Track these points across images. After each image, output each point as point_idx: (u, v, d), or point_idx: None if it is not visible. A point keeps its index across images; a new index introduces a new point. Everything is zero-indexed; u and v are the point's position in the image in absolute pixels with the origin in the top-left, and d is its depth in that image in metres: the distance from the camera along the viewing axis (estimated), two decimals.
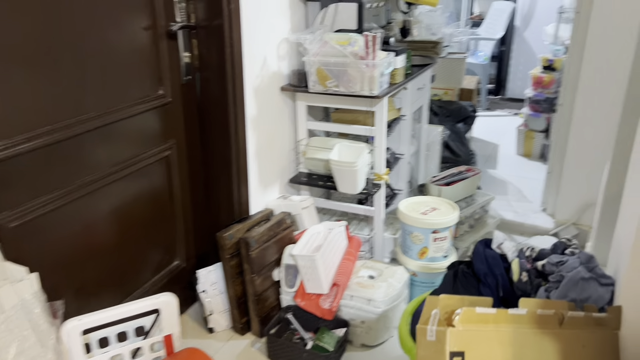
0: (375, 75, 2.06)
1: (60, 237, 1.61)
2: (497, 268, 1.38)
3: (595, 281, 1.25)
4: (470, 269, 1.44)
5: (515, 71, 5.86)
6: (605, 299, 1.24)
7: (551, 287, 1.26)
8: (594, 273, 1.27)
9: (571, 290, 1.22)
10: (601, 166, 2.73)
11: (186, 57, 1.99)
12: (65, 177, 1.60)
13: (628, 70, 2.46)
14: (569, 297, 1.21)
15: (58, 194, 1.58)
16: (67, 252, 1.65)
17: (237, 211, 2.21)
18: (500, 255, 1.43)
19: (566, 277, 1.23)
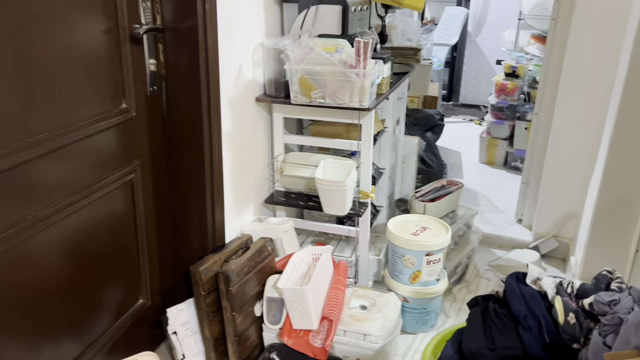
0: (366, 86, 1.86)
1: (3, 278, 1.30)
2: (539, 308, 1.22)
3: None
4: (504, 309, 1.27)
5: (468, 77, 5.87)
6: None
7: (606, 330, 1.11)
8: None
9: (633, 336, 1.07)
10: (581, 177, 2.67)
11: (152, 64, 1.71)
12: (10, 213, 1.29)
13: (609, 79, 2.40)
14: (632, 343, 1.06)
15: (2, 236, 1.27)
16: (10, 295, 1.34)
17: (211, 239, 1.95)
18: (539, 293, 1.27)
19: (626, 320, 1.08)
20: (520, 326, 1.21)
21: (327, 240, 2.45)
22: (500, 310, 1.27)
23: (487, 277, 2.64)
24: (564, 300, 1.20)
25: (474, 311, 1.34)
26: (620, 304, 1.12)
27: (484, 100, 5.77)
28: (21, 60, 1.26)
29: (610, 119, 2.20)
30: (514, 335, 1.20)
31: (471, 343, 1.24)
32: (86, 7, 1.43)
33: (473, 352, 1.22)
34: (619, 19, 2.35)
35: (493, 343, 1.21)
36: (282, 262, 2.05)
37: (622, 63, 2.12)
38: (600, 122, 2.48)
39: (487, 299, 1.39)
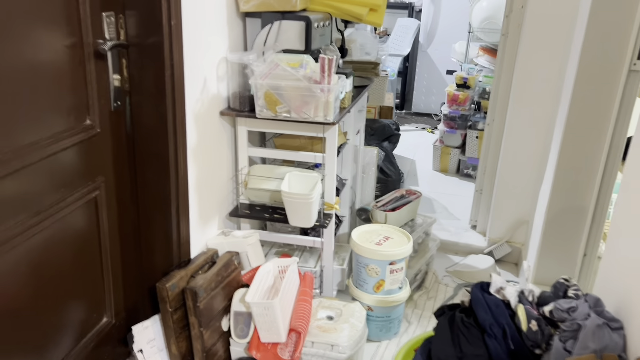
0: (330, 101, 1.90)
1: None
2: (503, 317, 1.28)
3: (607, 327, 1.20)
4: (470, 318, 1.33)
5: (420, 86, 6.03)
6: (620, 345, 1.18)
7: (566, 336, 1.18)
8: (603, 317, 1.22)
9: (590, 341, 1.15)
10: (532, 185, 2.80)
11: (116, 79, 1.69)
12: None
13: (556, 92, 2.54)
14: (590, 348, 1.14)
15: None
16: None
17: (176, 254, 1.93)
18: (503, 302, 1.34)
19: (584, 326, 1.16)
20: (487, 334, 1.27)
21: (291, 251, 2.47)
22: (466, 319, 1.33)
23: (445, 282, 2.73)
24: (526, 308, 1.28)
25: (441, 320, 1.40)
26: (578, 311, 1.20)
27: (436, 109, 5.95)
28: None
29: (558, 130, 2.33)
30: (481, 343, 1.26)
31: (440, 352, 1.29)
32: (49, 22, 1.40)
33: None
34: (565, 36, 2.50)
35: (461, 351, 1.27)
36: (249, 275, 2.06)
37: (569, 78, 2.25)
38: (549, 133, 2.62)
39: (452, 308, 1.45)
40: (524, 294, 1.34)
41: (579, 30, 2.16)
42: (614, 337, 1.18)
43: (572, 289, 1.30)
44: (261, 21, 2.08)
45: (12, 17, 1.28)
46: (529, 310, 1.27)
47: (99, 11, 1.57)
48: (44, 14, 1.38)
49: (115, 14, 1.64)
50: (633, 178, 1.36)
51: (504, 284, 1.38)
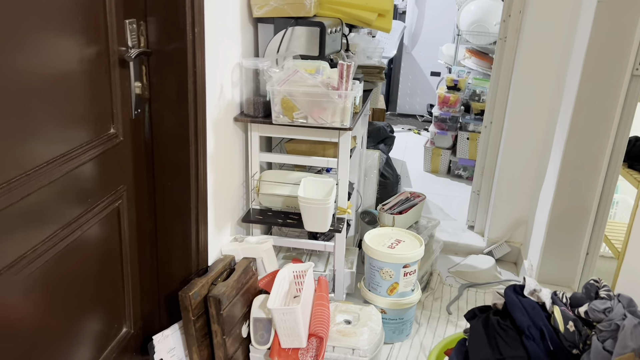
0: (348, 106, 1.91)
1: None
2: (540, 318, 1.32)
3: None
4: (507, 320, 1.36)
5: (405, 88, 6.10)
6: None
7: (604, 336, 1.22)
8: (637, 316, 1.27)
9: (629, 340, 1.19)
10: (531, 186, 2.87)
11: (137, 87, 1.67)
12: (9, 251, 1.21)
13: (555, 94, 2.61)
14: (629, 347, 1.18)
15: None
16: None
17: (194, 262, 1.91)
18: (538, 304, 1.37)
19: (622, 326, 1.20)
20: (525, 336, 1.30)
21: (299, 255, 2.48)
22: (503, 321, 1.36)
23: (449, 283, 2.78)
24: (562, 309, 1.31)
25: (475, 323, 1.42)
26: (614, 311, 1.24)
27: (421, 110, 6.03)
28: (17, 90, 1.18)
29: (561, 132, 2.39)
30: (519, 345, 1.30)
31: (478, 354, 1.32)
32: (78, 31, 1.37)
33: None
34: (563, 39, 2.57)
35: (500, 354, 1.30)
36: (265, 281, 2.06)
37: (572, 82, 2.31)
38: (548, 134, 2.69)
39: (483, 311, 1.48)
40: (557, 296, 1.38)
41: (583, 36, 2.22)
42: None
43: (604, 289, 1.34)
44: (274, 27, 2.08)
45: (42, 27, 1.25)
46: (564, 311, 1.31)
47: (122, 18, 1.55)
48: (72, 22, 1.35)
49: (137, 20, 1.62)
50: None
51: (537, 286, 1.41)
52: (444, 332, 2.34)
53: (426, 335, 2.32)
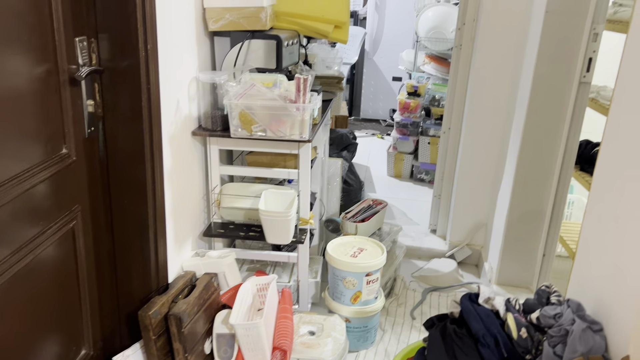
0: (306, 119, 1.92)
1: None
2: (494, 326, 1.35)
3: (590, 330, 1.29)
4: (463, 329, 1.39)
5: (367, 93, 6.15)
6: (603, 347, 1.28)
7: (555, 341, 1.26)
8: (585, 321, 1.31)
9: (578, 344, 1.23)
10: (489, 189, 2.94)
11: (90, 105, 1.64)
12: None
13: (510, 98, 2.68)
14: (578, 351, 1.23)
15: None
16: None
17: (154, 279, 1.89)
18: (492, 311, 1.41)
19: (571, 331, 1.25)
20: (480, 344, 1.33)
21: (263, 267, 2.47)
22: (459, 330, 1.39)
23: (413, 288, 2.81)
24: (515, 316, 1.35)
25: (433, 332, 1.45)
26: (564, 317, 1.29)
27: (384, 115, 6.10)
28: None
29: (515, 138, 2.46)
30: (475, 352, 1.33)
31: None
32: (24, 50, 1.34)
33: None
34: (516, 45, 2.64)
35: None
36: (227, 295, 2.05)
37: (524, 89, 2.39)
38: (504, 138, 2.76)
39: (441, 319, 1.51)
40: (510, 303, 1.42)
41: (533, 45, 2.30)
42: (597, 339, 1.28)
43: (554, 295, 1.39)
44: (230, 40, 2.08)
45: None
46: (517, 318, 1.35)
47: (72, 36, 1.52)
48: (19, 42, 1.32)
49: (87, 38, 1.59)
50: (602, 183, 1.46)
51: (491, 294, 1.45)
52: (408, 337, 2.38)
53: (391, 341, 2.35)
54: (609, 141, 1.47)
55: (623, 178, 1.35)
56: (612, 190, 1.40)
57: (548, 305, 1.37)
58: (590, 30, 2.14)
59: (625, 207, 1.31)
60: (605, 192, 1.45)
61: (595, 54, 2.17)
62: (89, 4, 1.58)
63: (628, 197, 1.31)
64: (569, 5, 2.13)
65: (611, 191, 1.41)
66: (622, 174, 1.36)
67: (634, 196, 1.28)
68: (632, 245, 1.26)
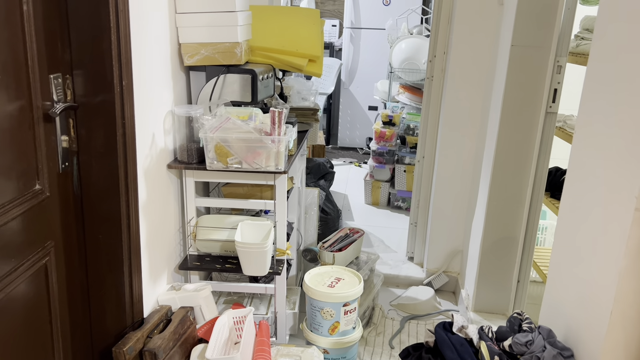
0: (281, 150, 1.95)
1: None
2: (468, 355, 1.37)
3: (560, 356, 1.31)
4: (437, 358, 1.40)
5: (344, 122, 6.23)
6: None
7: None
8: (556, 347, 1.34)
9: None
10: (464, 216, 2.99)
11: (64, 140, 1.64)
12: None
13: (481, 127, 2.76)
14: None
15: None
16: None
17: (129, 314, 1.87)
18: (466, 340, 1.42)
19: (542, 358, 1.27)
20: None
21: (240, 299, 2.46)
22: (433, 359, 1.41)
23: (391, 317, 2.82)
24: (487, 344, 1.37)
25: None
26: (535, 344, 1.31)
27: (361, 143, 6.17)
28: None
29: (486, 168, 2.52)
30: None
31: None
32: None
33: None
34: (486, 75, 2.72)
35: None
36: (204, 329, 2.03)
37: (493, 121, 2.46)
38: (477, 165, 2.82)
39: (417, 349, 1.52)
40: (484, 331, 1.44)
41: (500, 77, 2.38)
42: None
43: (526, 322, 1.41)
44: (206, 75, 2.11)
45: None
46: (490, 346, 1.37)
47: (46, 73, 1.54)
48: None
49: (62, 74, 1.60)
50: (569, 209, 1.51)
51: (465, 322, 1.47)
52: None
53: None
54: (574, 168, 1.53)
55: (587, 203, 1.39)
56: (578, 215, 1.45)
57: (520, 332, 1.40)
58: (554, 63, 2.23)
59: (590, 232, 1.36)
60: (572, 218, 1.50)
61: (560, 85, 2.26)
62: (63, 41, 1.60)
63: (592, 222, 1.35)
64: (534, 39, 2.22)
65: (577, 217, 1.45)
66: (586, 200, 1.41)
67: (598, 221, 1.32)
68: (598, 271, 1.30)
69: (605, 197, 1.30)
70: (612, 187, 1.27)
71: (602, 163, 1.34)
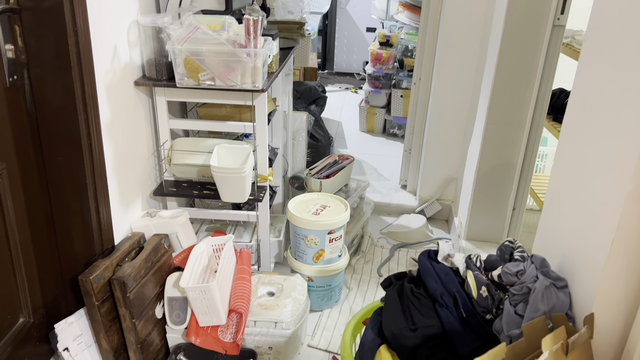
0: (258, 66, 1.76)
1: None
2: (453, 285, 1.26)
3: (554, 287, 1.20)
4: (420, 288, 1.30)
5: (341, 45, 5.94)
6: (567, 304, 1.20)
7: (516, 300, 1.18)
8: (549, 277, 1.22)
9: (540, 303, 1.15)
10: (459, 143, 2.83)
11: (9, 50, 1.46)
12: None
13: (482, 47, 2.54)
14: (540, 310, 1.14)
15: None
16: None
17: (98, 242, 1.76)
18: (451, 269, 1.31)
19: (533, 289, 1.16)
20: (438, 304, 1.24)
21: (224, 226, 2.35)
22: (416, 289, 1.30)
23: (381, 245, 2.73)
24: (475, 274, 1.26)
25: (390, 292, 1.36)
26: (526, 274, 1.19)
27: (358, 68, 5.91)
28: None
29: (486, 87, 2.33)
30: (433, 313, 1.24)
31: (392, 325, 1.26)
32: None
33: (394, 334, 1.24)
34: None
35: (413, 323, 1.23)
36: (180, 257, 1.93)
37: (495, 35, 2.24)
38: (475, 89, 2.63)
39: (400, 278, 1.42)
40: (471, 259, 1.32)
41: None
42: (561, 296, 1.19)
43: (518, 251, 1.29)
44: None
45: None
46: (477, 276, 1.25)
47: None
48: None
49: None
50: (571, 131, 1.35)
51: (451, 250, 1.35)
52: (374, 295, 2.30)
53: (356, 299, 2.27)
54: (579, 87, 1.35)
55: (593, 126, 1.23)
56: (581, 139, 1.29)
57: (511, 261, 1.28)
58: None
59: (594, 157, 1.21)
60: (574, 141, 1.34)
61: None
62: None
63: (597, 147, 1.20)
64: None
65: (580, 140, 1.30)
66: (592, 122, 1.24)
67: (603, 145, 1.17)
68: (599, 197, 1.16)
69: (616, 115, 1.14)
70: (624, 104, 1.11)
71: (613, 78, 1.16)
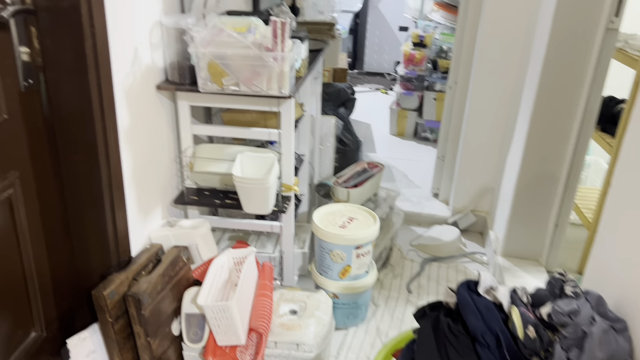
0: (285, 71, 1.65)
1: None
2: (496, 322, 1.13)
3: (612, 330, 1.06)
4: (458, 324, 1.17)
5: (372, 44, 5.80)
6: (627, 350, 1.06)
7: (569, 344, 1.04)
8: (606, 318, 1.09)
9: (597, 350, 1.01)
10: (497, 151, 2.68)
11: (24, 53, 1.38)
12: None
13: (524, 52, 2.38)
14: (598, 358, 1.01)
15: None
16: None
17: (114, 253, 1.68)
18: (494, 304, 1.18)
19: (590, 333, 1.02)
20: (478, 343, 1.12)
21: (246, 235, 2.26)
22: (454, 325, 1.17)
23: (410, 258, 2.60)
24: (521, 311, 1.13)
25: (424, 326, 1.23)
26: (581, 315, 1.06)
27: (389, 68, 5.76)
28: None
29: (529, 94, 2.18)
30: (472, 353, 1.11)
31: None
32: None
33: None
34: None
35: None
36: (200, 270, 1.84)
37: (541, 38, 2.09)
38: (515, 95, 2.47)
39: (434, 309, 1.29)
40: (517, 294, 1.19)
41: None
42: (620, 341, 1.05)
43: (570, 285, 1.15)
44: None
45: None
46: (524, 313, 1.12)
47: None
48: None
49: None
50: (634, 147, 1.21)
51: (494, 282, 1.22)
52: (402, 314, 2.17)
53: (383, 318, 2.15)
54: None
55: None
56: None
57: (562, 297, 1.14)
58: None
59: None
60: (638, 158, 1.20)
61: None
62: None
63: None
64: None
65: None
66: None
67: None
68: None
69: None
70: None
71: None
